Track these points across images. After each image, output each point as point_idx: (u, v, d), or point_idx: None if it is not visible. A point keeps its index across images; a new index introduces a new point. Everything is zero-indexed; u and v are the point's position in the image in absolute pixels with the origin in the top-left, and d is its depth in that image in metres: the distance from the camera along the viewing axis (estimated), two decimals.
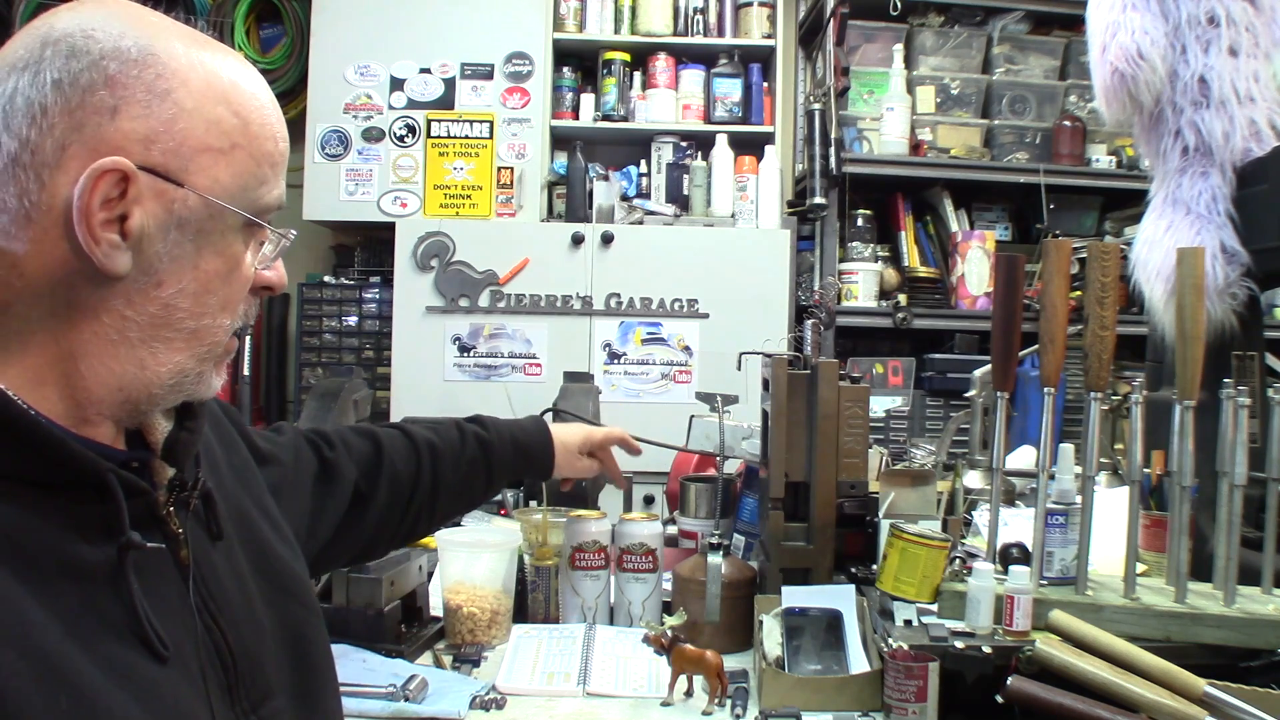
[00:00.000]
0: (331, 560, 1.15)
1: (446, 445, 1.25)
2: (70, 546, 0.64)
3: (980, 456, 1.68)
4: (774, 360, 1.46)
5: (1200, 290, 1.26)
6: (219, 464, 0.86)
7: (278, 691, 0.78)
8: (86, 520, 0.65)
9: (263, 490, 0.92)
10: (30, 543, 0.62)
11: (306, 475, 1.08)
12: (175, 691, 0.67)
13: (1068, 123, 3.36)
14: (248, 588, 0.80)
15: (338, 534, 1.11)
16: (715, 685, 1.22)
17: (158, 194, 0.67)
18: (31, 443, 0.63)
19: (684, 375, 3.18)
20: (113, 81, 0.65)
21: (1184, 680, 1.10)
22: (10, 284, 0.65)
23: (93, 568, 0.65)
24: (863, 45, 3.42)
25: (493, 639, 1.44)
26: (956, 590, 1.24)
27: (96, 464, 0.65)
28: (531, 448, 1.36)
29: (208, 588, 0.74)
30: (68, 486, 0.65)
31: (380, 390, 3.26)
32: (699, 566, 1.43)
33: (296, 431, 1.12)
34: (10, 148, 0.64)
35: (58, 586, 0.62)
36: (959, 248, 3.33)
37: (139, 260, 0.67)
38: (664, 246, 3.21)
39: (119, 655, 0.64)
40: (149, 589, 0.67)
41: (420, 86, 3.41)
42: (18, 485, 0.63)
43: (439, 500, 1.24)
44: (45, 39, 0.65)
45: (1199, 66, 1.51)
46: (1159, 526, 1.46)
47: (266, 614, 0.81)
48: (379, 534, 1.18)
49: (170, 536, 0.72)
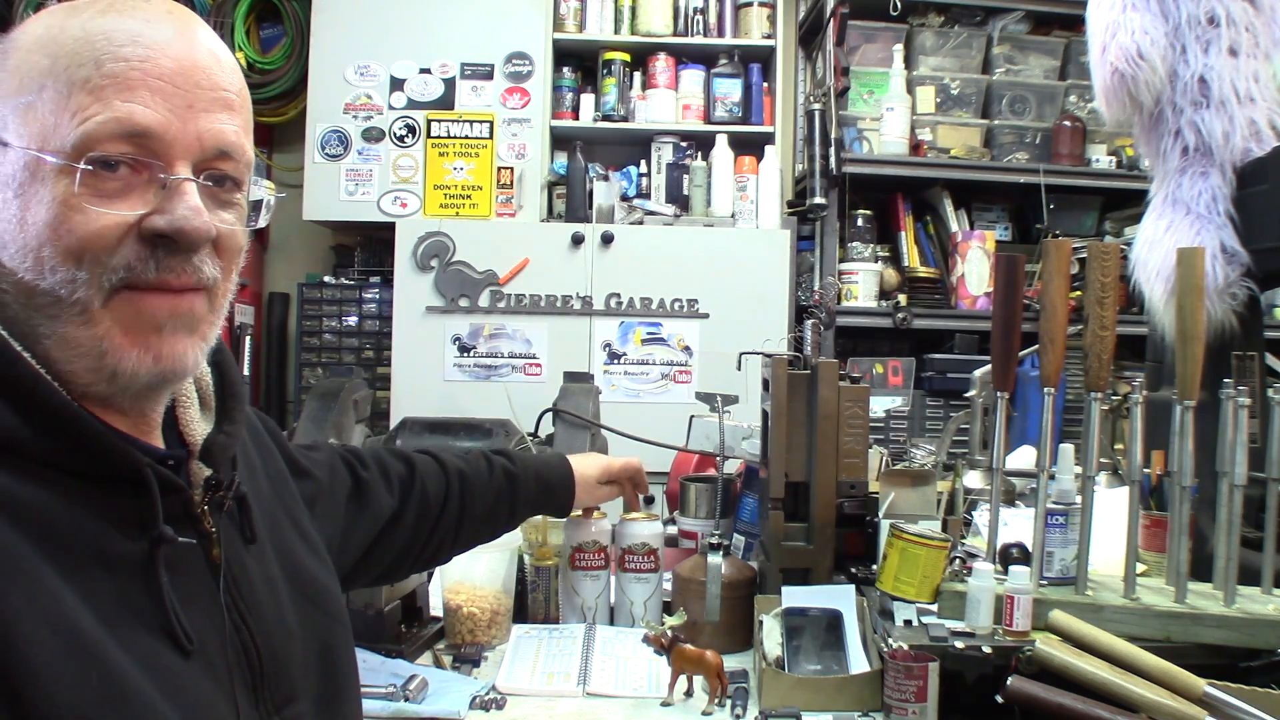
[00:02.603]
0: (357, 578, 1.16)
1: (475, 474, 1.26)
2: (105, 537, 0.66)
3: (980, 456, 1.68)
4: (774, 360, 1.46)
5: (1200, 290, 1.26)
6: (256, 471, 0.87)
7: (302, 695, 0.79)
8: (122, 513, 0.67)
9: (296, 502, 0.93)
10: (67, 530, 0.64)
11: (341, 492, 1.09)
12: (197, 685, 0.68)
13: (1068, 123, 3.36)
14: (278, 592, 0.81)
15: (367, 553, 1.12)
16: (715, 685, 1.22)
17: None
18: (73, 434, 0.65)
19: (684, 375, 3.18)
20: None
21: (1184, 680, 1.10)
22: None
23: (126, 559, 0.66)
24: (863, 45, 3.42)
25: (493, 639, 1.44)
26: (956, 590, 1.24)
27: (135, 458, 0.67)
28: (554, 484, 1.37)
29: (238, 588, 0.76)
30: (106, 479, 0.67)
31: (380, 390, 3.27)
32: (699, 566, 1.43)
33: (333, 449, 1.14)
34: None
35: (91, 574, 0.64)
36: (959, 248, 3.33)
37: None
38: (664, 246, 3.21)
39: (145, 645, 0.65)
40: (179, 584, 0.69)
41: (420, 86, 3.41)
42: (57, 473, 0.65)
43: (464, 527, 1.25)
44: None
45: (1199, 66, 1.51)
46: (1159, 526, 1.46)
47: (295, 620, 0.82)
48: (404, 556, 1.19)
49: (203, 535, 0.73)
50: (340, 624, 0.88)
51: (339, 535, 1.06)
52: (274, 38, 3.71)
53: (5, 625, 0.58)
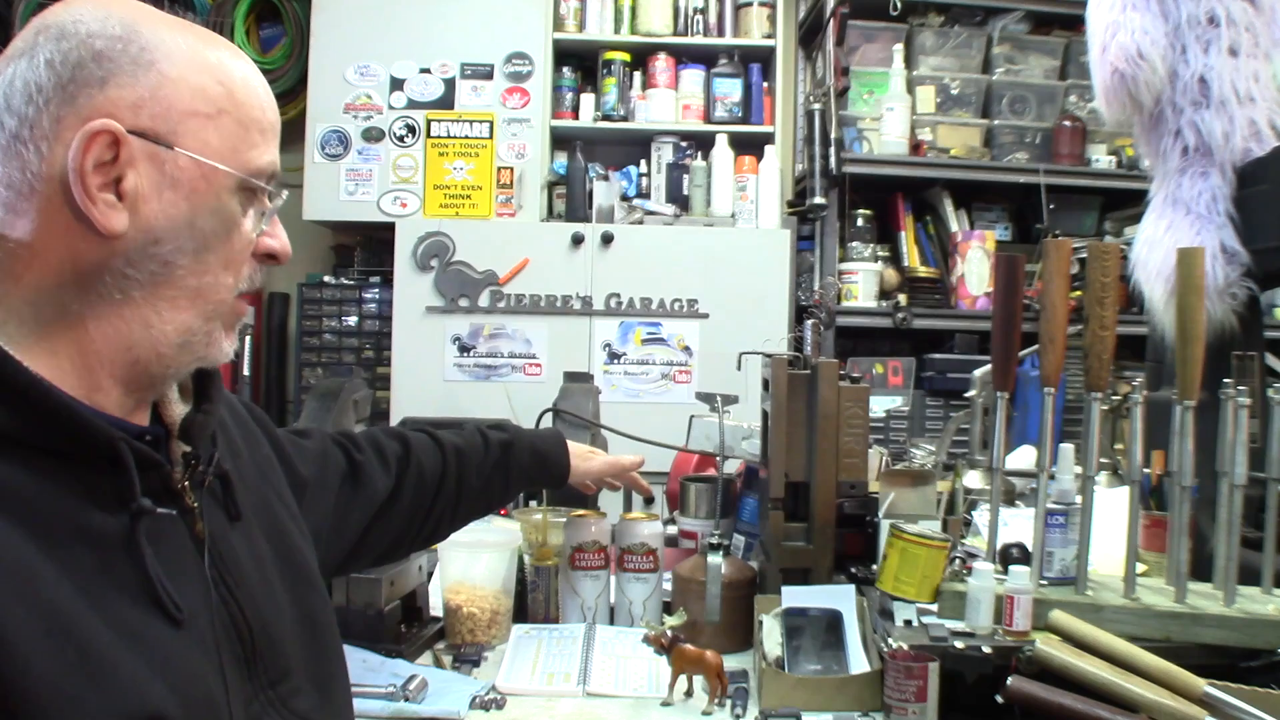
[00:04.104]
0: (358, 559, 1.18)
1: (471, 449, 1.28)
2: (84, 513, 0.67)
3: (980, 456, 1.68)
4: (774, 360, 1.46)
5: (1200, 290, 1.26)
6: (240, 453, 0.89)
7: (296, 672, 0.80)
8: (100, 489, 0.68)
9: (284, 486, 0.95)
10: (45, 507, 0.65)
11: (334, 476, 1.10)
12: (187, 655, 0.69)
13: (1068, 123, 3.36)
14: (267, 570, 0.82)
15: (366, 533, 1.14)
16: (715, 685, 1.22)
17: (149, 156, 0.70)
18: (44, 410, 0.66)
19: (684, 375, 3.18)
20: (100, 56, 0.70)
21: (1184, 680, 1.10)
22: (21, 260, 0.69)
23: (106, 533, 0.67)
24: (863, 45, 3.41)
25: (493, 639, 1.44)
26: (956, 590, 1.24)
27: (107, 432, 0.68)
28: (548, 455, 1.38)
29: (224, 562, 0.77)
30: (81, 456, 0.67)
31: (380, 390, 3.26)
32: (699, 566, 1.43)
33: (325, 435, 1.15)
34: (11, 126, 0.69)
35: (72, 550, 0.65)
36: (959, 248, 3.33)
37: (136, 220, 0.70)
38: (664, 246, 3.21)
39: (132, 617, 0.66)
40: (163, 557, 0.70)
41: (420, 86, 3.41)
42: (32, 452, 0.65)
43: (461, 503, 1.27)
44: (38, 28, 0.71)
45: (1199, 66, 1.51)
46: (1159, 526, 1.46)
47: (286, 599, 0.83)
48: (403, 535, 1.21)
49: (185, 510, 0.74)
50: (327, 604, 0.90)
51: (332, 518, 1.08)
52: (274, 38, 3.71)
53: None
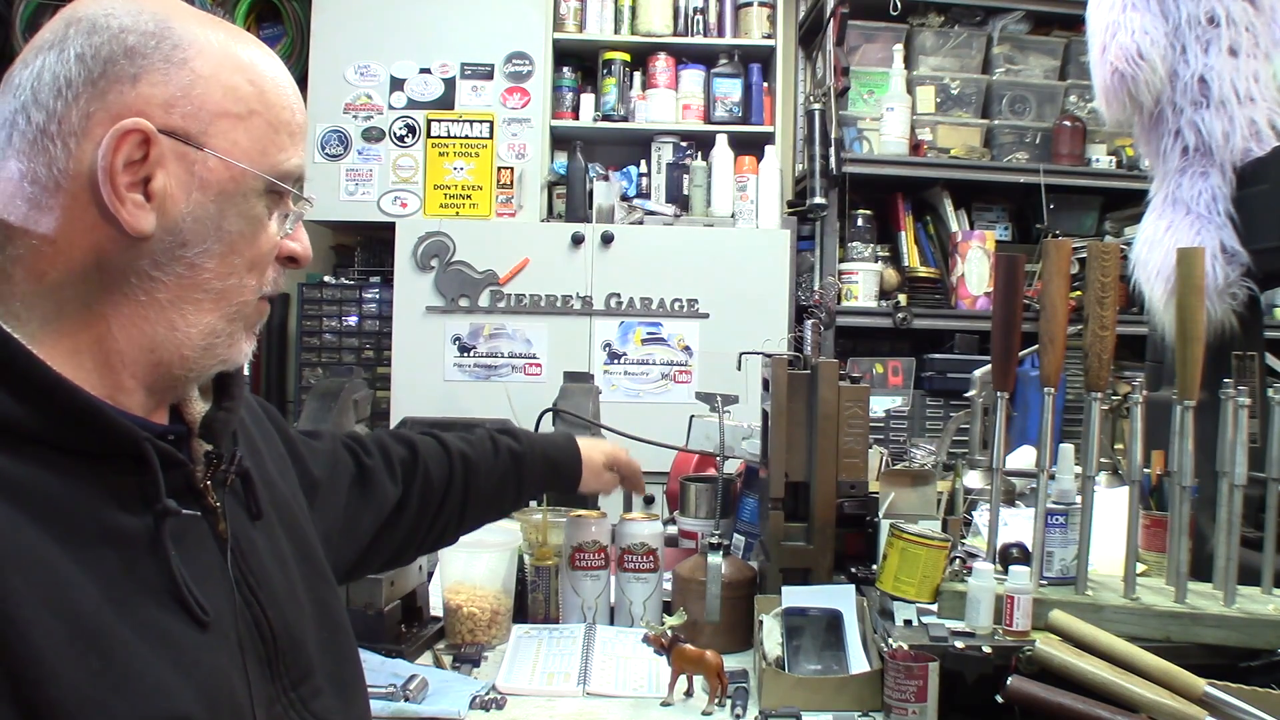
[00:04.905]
0: (367, 564, 1.17)
1: (480, 456, 1.27)
2: (109, 514, 0.66)
3: (980, 456, 1.68)
4: (774, 360, 1.46)
5: (1200, 290, 1.26)
6: (260, 452, 0.88)
7: (318, 672, 0.80)
8: (125, 489, 0.67)
9: (297, 486, 0.95)
10: (68, 507, 0.64)
11: (343, 479, 1.10)
12: (213, 657, 0.69)
13: (1068, 123, 3.36)
14: (289, 570, 0.82)
15: (375, 538, 1.13)
16: (715, 685, 1.22)
17: (179, 156, 0.69)
18: (69, 409, 0.65)
19: (684, 375, 3.18)
20: (132, 52, 0.68)
21: (1184, 680, 1.10)
22: (45, 258, 0.68)
23: (132, 534, 0.67)
24: (863, 45, 3.41)
25: (493, 639, 1.44)
26: (956, 590, 1.24)
27: (132, 432, 0.67)
28: (561, 463, 1.38)
29: (246, 562, 0.76)
30: (106, 456, 0.67)
31: (380, 390, 3.26)
32: (699, 566, 1.43)
33: (335, 437, 1.15)
34: (39, 120, 0.67)
35: (98, 551, 0.64)
36: (959, 248, 3.33)
37: (163, 221, 0.69)
38: (664, 246, 3.21)
39: (158, 619, 0.65)
40: (187, 558, 0.69)
41: (420, 86, 3.41)
42: (56, 453, 0.65)
43: (469, 509, 1.26)
44: (69, 20, 0.69)
45: (1199, 66, 1.51)
46: (1159, 526, 1.46)
47: (307, 599, 0.83)
48: (410, 540, 1.20)
49: (208, 510, 0.74)
50: (342, 607, 0.90)
51: (341, 521, 1.07)
52: (274, 38, 3.70)
53: (5, 610, 0.57)
